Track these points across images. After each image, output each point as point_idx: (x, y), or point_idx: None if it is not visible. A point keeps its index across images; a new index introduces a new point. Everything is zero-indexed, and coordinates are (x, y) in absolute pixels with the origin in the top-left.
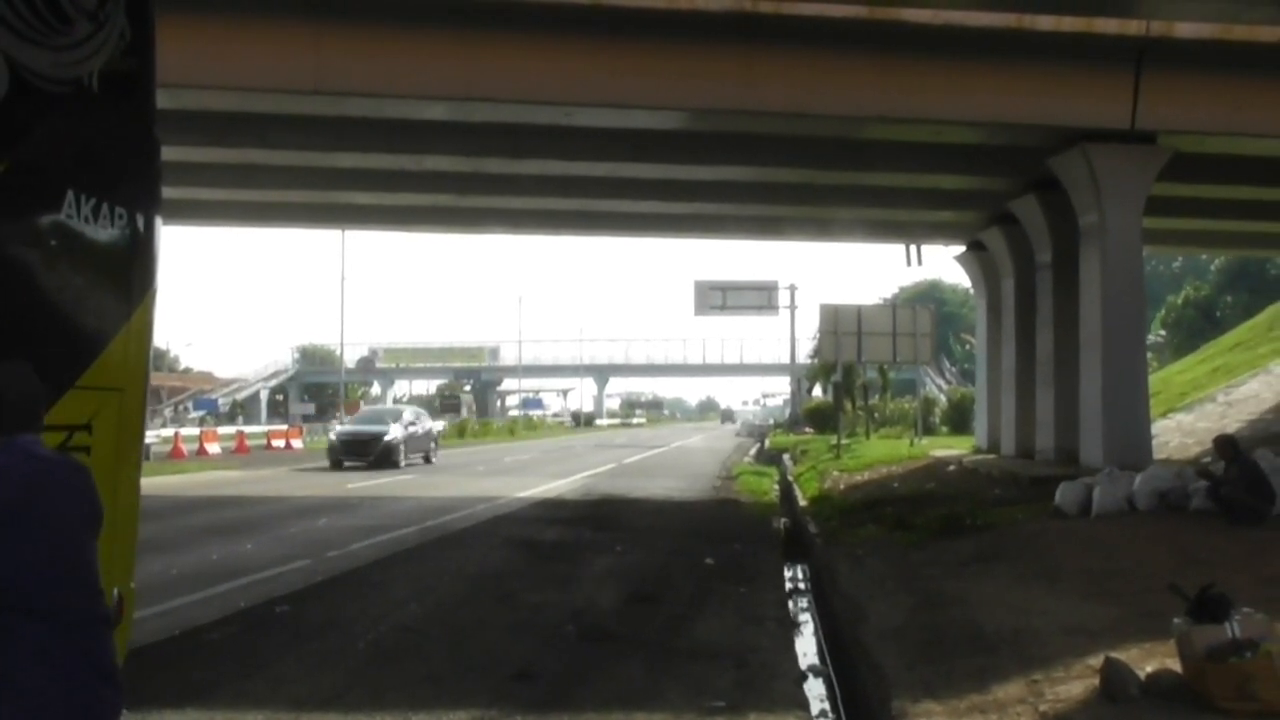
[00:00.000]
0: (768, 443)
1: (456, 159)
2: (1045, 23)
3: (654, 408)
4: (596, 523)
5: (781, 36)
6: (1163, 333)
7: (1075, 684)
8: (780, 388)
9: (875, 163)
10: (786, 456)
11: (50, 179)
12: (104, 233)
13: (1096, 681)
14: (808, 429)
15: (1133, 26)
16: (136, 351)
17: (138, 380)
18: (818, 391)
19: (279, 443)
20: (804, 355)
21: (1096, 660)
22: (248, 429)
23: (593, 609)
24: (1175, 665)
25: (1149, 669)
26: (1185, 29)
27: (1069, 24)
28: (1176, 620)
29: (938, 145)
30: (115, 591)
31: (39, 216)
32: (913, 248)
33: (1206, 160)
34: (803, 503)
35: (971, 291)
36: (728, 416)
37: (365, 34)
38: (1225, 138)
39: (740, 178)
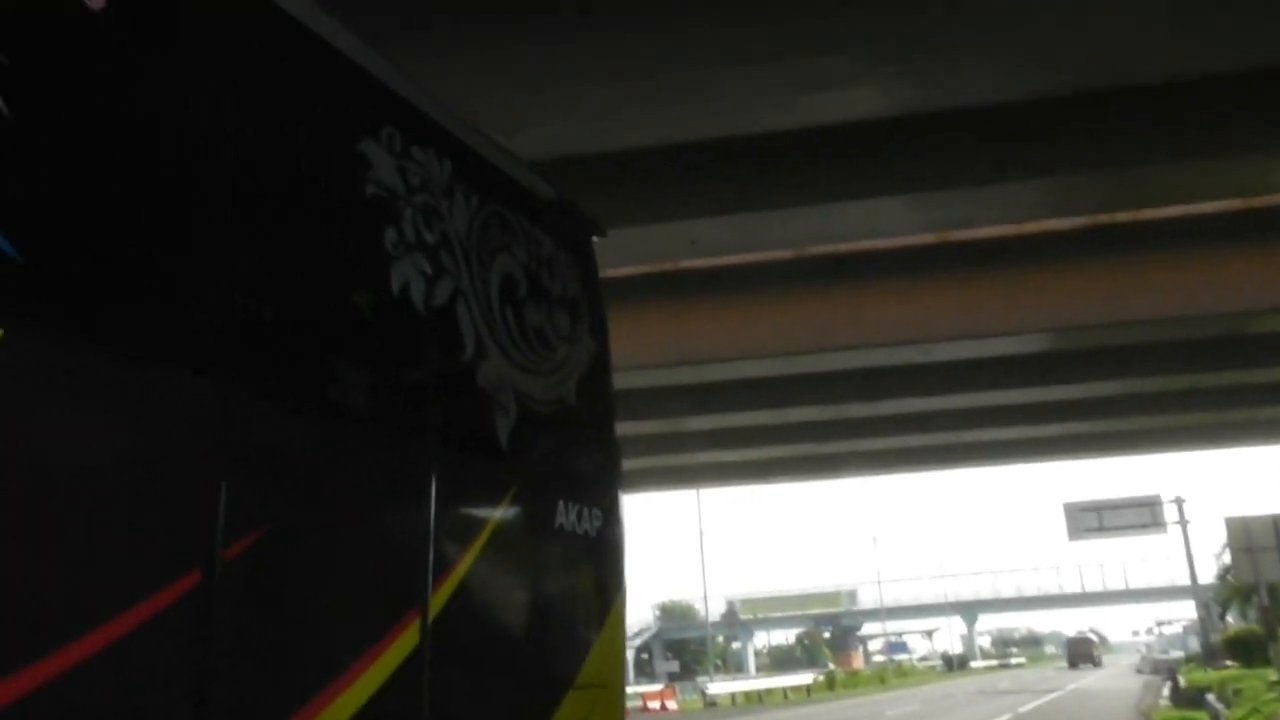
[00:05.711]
0: (1181, 680)
1: (815, 409)
2: None
3: (1031, 645)
4: None
5: (1145, 243)
6: None
7: None
8: (1176, 613)
9: (1266, 358)
10: (1211, 696)
11: (547, 492)
12: (587, 535)
13: None
14: (1228, 662)
15: None
16: (615, 646)
17: (617, 675)
18: (1231, 618)
19: (654, 704)
20: (1206, 575)
21: None
22: None
23: None
24: None
25: None
26: None
27: None
28: None
29: None
30: None
31: (542, 529)
32: None
33: None
34: None
35: None
36: (1083, 654)
37: (722, 305)
38: None
39: (1113, 392)
